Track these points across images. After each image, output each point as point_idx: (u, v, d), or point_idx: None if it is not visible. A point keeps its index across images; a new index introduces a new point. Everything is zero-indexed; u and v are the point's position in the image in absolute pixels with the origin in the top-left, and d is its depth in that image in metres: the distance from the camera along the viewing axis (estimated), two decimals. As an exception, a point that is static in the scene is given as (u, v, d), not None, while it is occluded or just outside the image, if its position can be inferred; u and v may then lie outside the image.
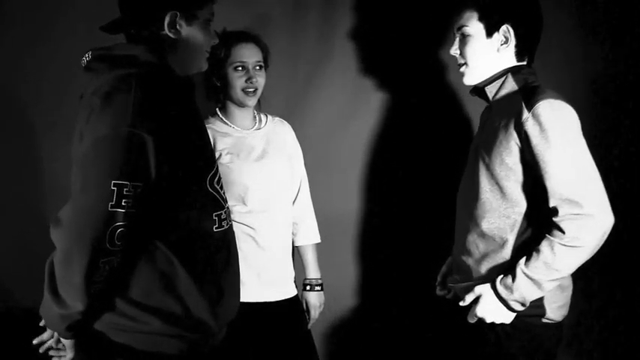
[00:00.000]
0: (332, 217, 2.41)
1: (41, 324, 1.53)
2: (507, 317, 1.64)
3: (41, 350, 1.54)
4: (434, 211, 2.42)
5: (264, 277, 2.02)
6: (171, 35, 1.47)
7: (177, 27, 1.47)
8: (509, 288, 1.60)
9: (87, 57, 1.46)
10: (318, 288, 2.19)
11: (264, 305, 2.02)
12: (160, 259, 1.42)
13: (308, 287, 2.19)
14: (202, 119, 1.59)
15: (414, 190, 2.46)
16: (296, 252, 2.23)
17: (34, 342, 1.53)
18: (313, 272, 2.19)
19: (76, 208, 1.33)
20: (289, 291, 2.12)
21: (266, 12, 2.34)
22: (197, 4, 1.48)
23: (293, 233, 2.18)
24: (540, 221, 1.62)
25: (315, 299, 2.17)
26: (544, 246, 1.57)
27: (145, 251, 1.42)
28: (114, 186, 1.29)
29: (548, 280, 1.57)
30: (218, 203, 1.51)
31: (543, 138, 1.56)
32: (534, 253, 1.58)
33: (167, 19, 1.45)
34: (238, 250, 1.63)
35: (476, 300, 1.67)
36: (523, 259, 1.60)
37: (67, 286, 1.35)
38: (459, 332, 1.79)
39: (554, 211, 1.57)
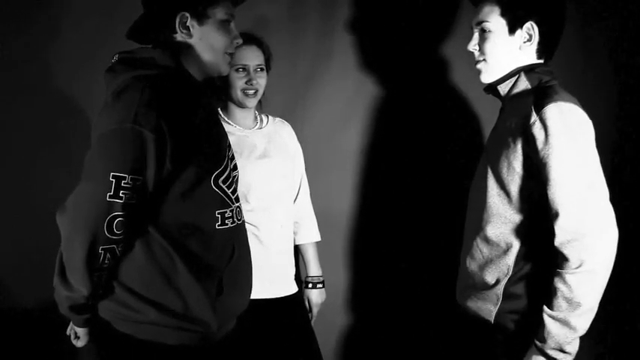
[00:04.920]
0: (331, 216, 2.43)
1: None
2: None
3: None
4: (433, 211, 2.45)
5: (266, 274, 2.03)
6: (184, 37, 1.51)
7: (190, 28, 1.51)
8: (542, 338, 1.52)
9: (114, 59, 1.53)
10: (320, 285, 2.22)
11: (266, 302, 2.04)
12: (159, 253, 1.47)
13: (310, 285, 2.22)
14: (217, 123, 1.63)
15: (413, 190, 2.47)
16: (297, 250, 2.25)
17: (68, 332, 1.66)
18: (314, 270, 2.23)
19: (77, 196, 1.42)
20: (291, 288, 2.13)
21: (265, 12, 2.36)
22: (204, 2, 1.50)
23: (294, 232, 2.20)
24: (546, 230, 1.54)
25: (316, 297, 2.21)
26: (557, 282, 1.50)
27: (146, 243, 1.47)
28: (112, 177, 1.37)
29: (575, 316, 1.48)
30: (223, 202, 1.55)
31: (548, 144, 1.49)
32: (553, 295, 1.51)
33: (177, 21, 1.49)
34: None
35: None
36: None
37: (72, 270, 1.44)
38: (461, 334, 1.77)
39: (554, 231, 1.50)
